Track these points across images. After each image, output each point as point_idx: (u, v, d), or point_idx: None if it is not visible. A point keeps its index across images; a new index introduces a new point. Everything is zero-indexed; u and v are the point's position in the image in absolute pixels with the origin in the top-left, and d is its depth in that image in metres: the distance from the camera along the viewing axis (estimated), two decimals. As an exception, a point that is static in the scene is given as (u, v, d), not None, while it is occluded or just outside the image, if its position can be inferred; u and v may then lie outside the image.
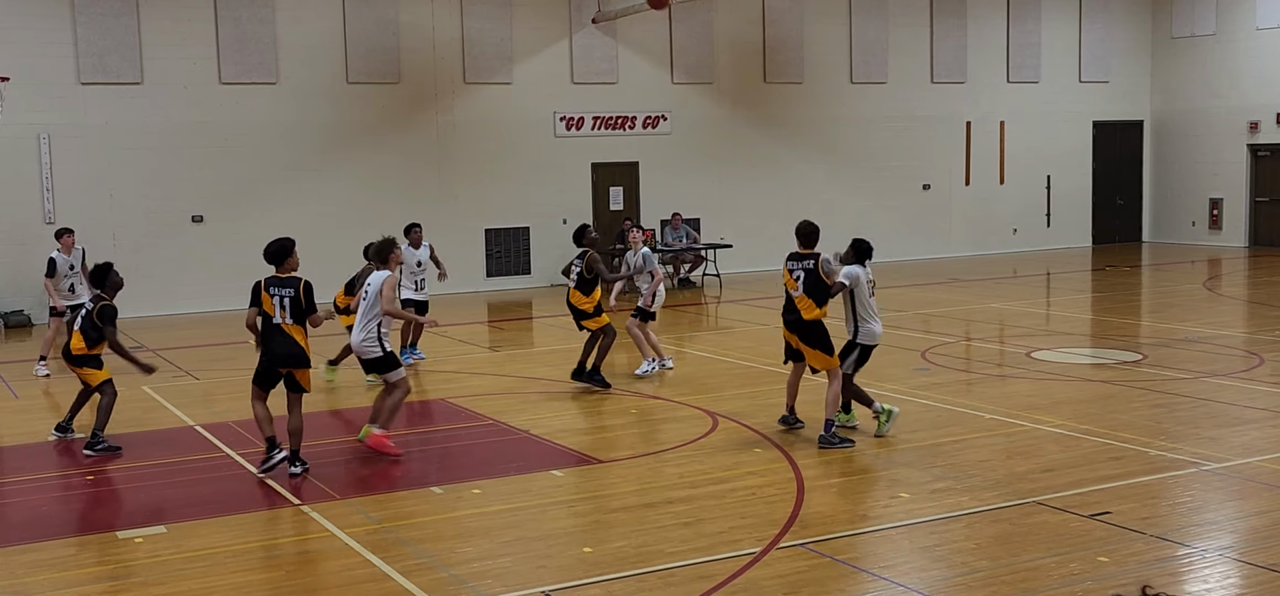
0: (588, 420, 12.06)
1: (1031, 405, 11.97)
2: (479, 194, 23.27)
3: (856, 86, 26.63)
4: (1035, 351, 15.12)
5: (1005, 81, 28.37)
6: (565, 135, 23.85)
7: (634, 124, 24.44)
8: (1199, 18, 28.87)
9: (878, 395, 11.55)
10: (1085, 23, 29.14)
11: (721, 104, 25.31)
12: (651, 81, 24.60)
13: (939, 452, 10.29)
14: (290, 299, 9.74)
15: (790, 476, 9.49)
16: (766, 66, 25.69)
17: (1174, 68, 29.56)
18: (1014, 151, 28.54)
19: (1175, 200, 29.89)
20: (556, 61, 23.74)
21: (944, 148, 27.76)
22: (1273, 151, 27.86)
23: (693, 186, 24.85)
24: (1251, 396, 12.20)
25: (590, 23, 23.81)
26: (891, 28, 26.85)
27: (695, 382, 13.69)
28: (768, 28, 25.56)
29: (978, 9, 27.84)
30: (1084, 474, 9.37)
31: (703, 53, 25.01)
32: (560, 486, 9.51)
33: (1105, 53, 29.44)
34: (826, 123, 26.39)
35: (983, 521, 8.29)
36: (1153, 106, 30.12)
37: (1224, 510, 8.65)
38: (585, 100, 23.99)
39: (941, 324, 17.89)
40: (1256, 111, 27.79)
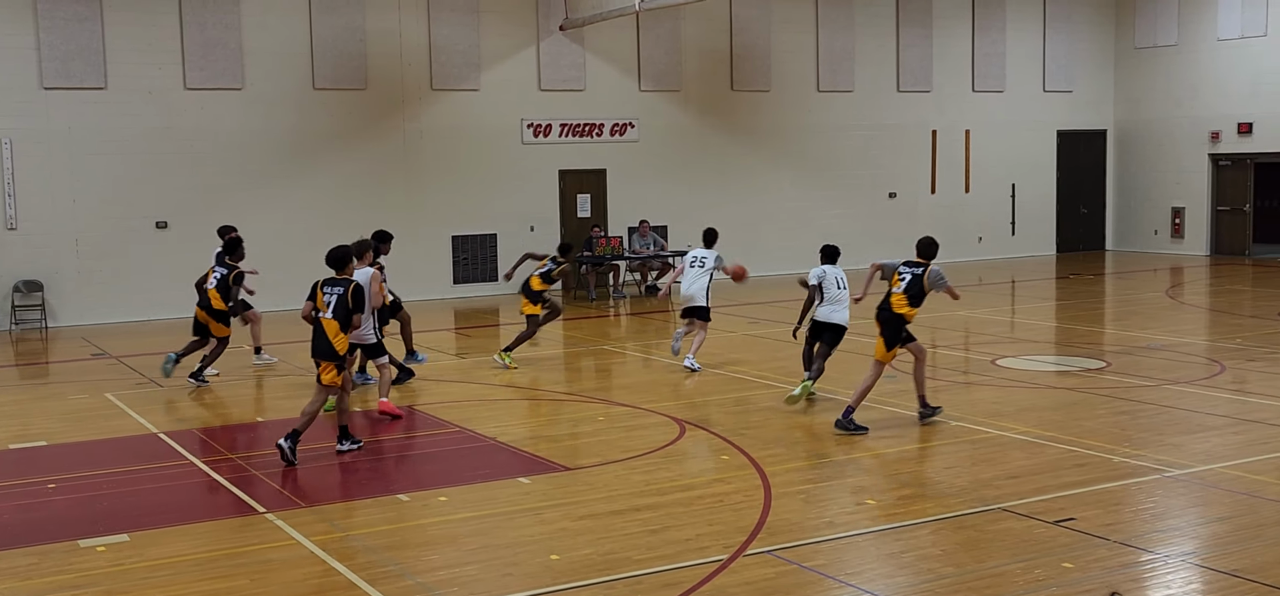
0: (555, 427, 12.04)
1: (996, 412, 12.04)
2: (446, 201, 23.20)
3: (823, 95, 26.74)
4: (1000, 359, 15.21)
5: (970, 91, 28.57)
6: (532, 142, 23.83)
7: (601, 131, 24.44)
8: (1161, 29, 29.16)
9: (845, 401, 11.59)
10: (1049, 33, 29.38)
11: (689, 112, 25.36)
12: (619, 89, 24.61)
13: (905, 460, 10.34)
14: (338, 298, 10.47)
15: (757, 483, 9.50)
16: (734, 75, 25.76)
17: (1137, 78, 29.85)
18: (979, 160, 28.73)
19: (1138, 209, 30.16)
20: (524, 68, 23.72)
21: (910, 156, 27.91)
22: (1233, 161, 28.16)
23: (660, 194, 24.88)
24: (1213, 403, 12.32)
25: (558, 30, 23.80)
26: (858, 37, 26.98)
27: (662, 389, 13.70)
28: (735, 36, 25.63)
29: (943, 19, 28.02)
30: (1048, 480, 9.43)
31: (670, 60, 25.04)
32: (527, 493, 9.48)
33: (1069, 63, 29.69)
34: (794, 131, 26.48)
35: (948, 528, 8.33)
36: (1116, 116, 30.40)
37: (1187, 516, 8.73)
38: (553, 107, 23.98)
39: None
40: (1217, 121, 28.10)
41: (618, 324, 20.24)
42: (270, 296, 21.56)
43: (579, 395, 13.82)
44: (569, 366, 16.57)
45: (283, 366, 15.73)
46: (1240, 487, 9.17)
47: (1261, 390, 13.20)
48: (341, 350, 10.52)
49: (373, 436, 11.46)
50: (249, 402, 13.62)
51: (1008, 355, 15.53)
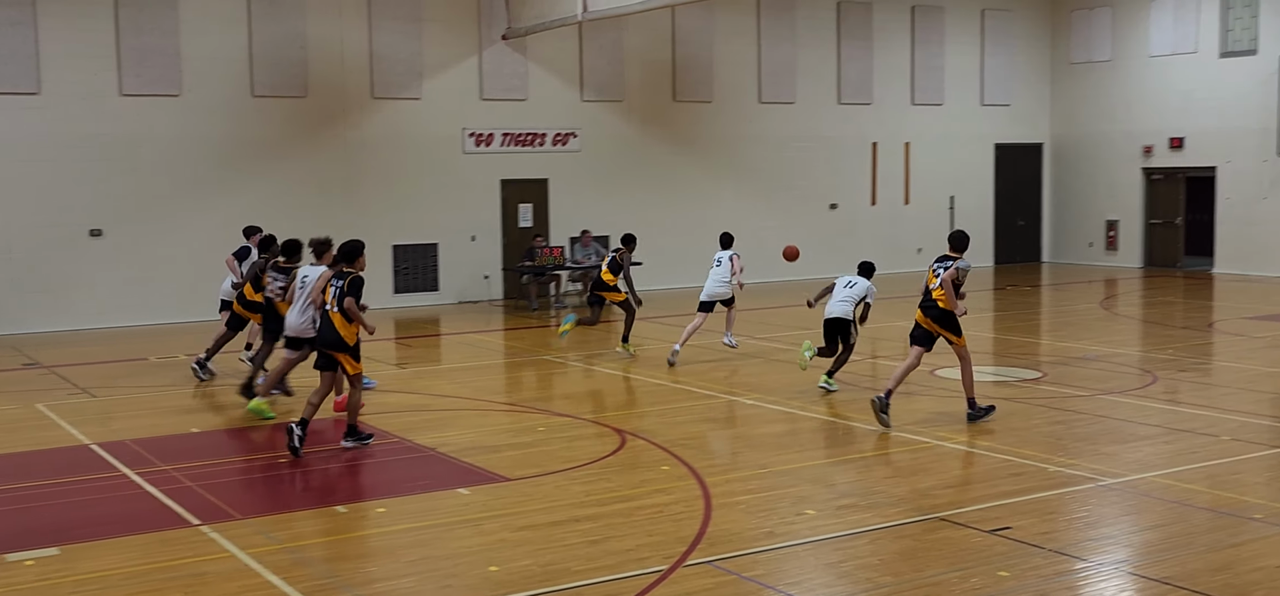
0: (496, 438, 11.98)
1: (935, 422, 12.15)
2: (387, 210, 23.04)
3: (765, 106, 26.88)
4: (939, 370, 15.34)
5: (910, 104, 28.85)
6: (474, 151, 23.74)
7: (543, 141, 24.41)
8: (1095, 44, 29.62)
9: (786, 412, 11.66)
10: (987, 48, 29.75)
11: (631, 122, 25.39)
12: (561, 98, 24.59)
13: (845, 469, 10.41)
14: (340, 289, 10.99)
15: (698, 494, 9.51)
16: (676, 85, 25.83)
17: (1072, 92, 30.29)
18: (918, 172, 29.01)
19: (1074, 221, 30.59)
20: (466, 77, 23.64)
21: (851, 168, 28.12)
22: (1166, 175, 28.64)
23: (602, 204, 24.88)
24: (1146, 413, 12.51)
25: (500, 39, 23.74)
26: (799, 49, 27.16)
27: (603, 399, 13.69)
28: (677, 47, 25.71)
29: (883, 33, 28.28)
30: (985, 490, 9.54)
31: (613, 71, 25.07)
32: (467, 505, 9.43)
33: (1006, 77, 30.08)
34: (735, 142, 26.60)
35: (887, 537, 8.38)
36: (1052, 130, 30.82)
37: (1120, 524, 8.86)
38: (495, 117, 23.90)
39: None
40: (1150, 136, 28.58)
41: (558, 334, 20.17)
42: (209, 305, 21.34)
43: (520, 405, 13.77)
44: (510, 376, 16.51)
45: (223, 377, 15.52)
46: (1171, 496, 9.32)
47: (1192, 400, 13.43)
48: (350, 340, 11.06)
49: (312, 447, 11.34)
50: (184, 413, 13.44)
51: (947, 366, 15.66)
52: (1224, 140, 27.08)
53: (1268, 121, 26.12)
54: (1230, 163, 27.09)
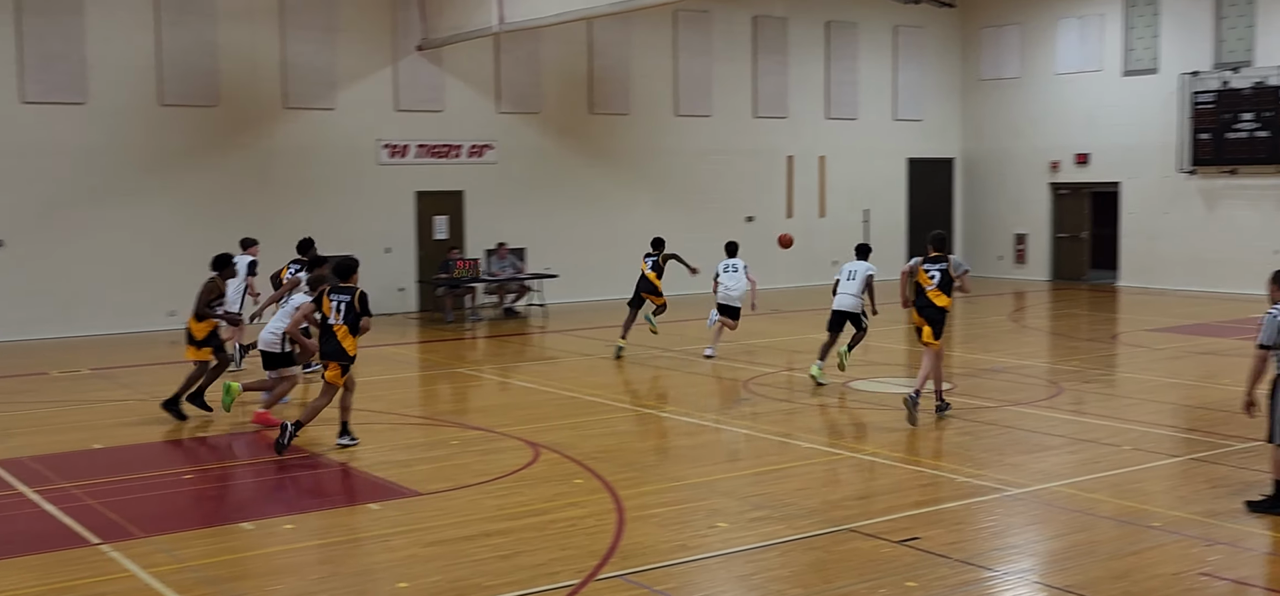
0: (407, 452, 11.87)
1: (848, 433, 12.27)
2: (300, 221, 22.63)
3: (681, 119, 26.99)
4: (852, 381, 15.49)
5: (825, 118, 29.14)
6: (389, 162, 23.53)
7: (459, 152, 24.26)
8: (1004, 62, 30.18)
9: (701, 425, 11.69)
10: (900, 63, 30.16)
11: (547, 134, 25.34)
12: (477, 110, 24.48)
13: (758, 482, 10.45)
14: (346, 304, 11.50)
15: (611, 507, 9.50)
16: (593, 98, 25.84)
17: (982, 108, 30.83)
18: (833, 185, 29.30)
19: (984, 235, 31.10)
20: (380, 88, 23.43)
21: (767, 181, 28.33)
22: (1072, 190, 29.24)
23: (518, 216, 24.78)
24: (1052, 424, 12.74)
25: (415, 50, 23.57)
26: (715, 63, 27.32)
27: (518, 413, 13.62)
28: (594, 59, 25.73)
29: (798, 48, 28.55)
30: (895, 500, 9.64)
31: (529, 82, 25.01)
32: (376, 520, 9.32)
33: (918, 92, 30.52)
34: (652, 154, 26.67)
35: (797, 549, 8.44)
36: (963, 145, 31.33)
37: (1025, 534, 9.00)
38: (410, 128, 23.72)
39: (764, 355, 18.19)
40: (1056, 151, 29.16)
41: (474, 346, 20.08)
42: (116, 318, 20.92)
43: (433, 419, 13.66)
44: (424, 389, 16.38)
45: (128, 392, 15.19)
46: (1075, 505, 9.49)
47: (1097, 411, 13.70)
48: (351, 352, 11.54)
49: (218, 463, 11.13)
50: (84, 429, 13.12)
51: (860, 377, 15.82)
52: (1127, 156, 27.72)
53: (1168, 138, 26.79)
54: (1133, 179, 27.73)
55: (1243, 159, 25.57)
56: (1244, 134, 25.44)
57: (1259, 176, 25.51)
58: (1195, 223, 26.69)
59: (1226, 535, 8.67)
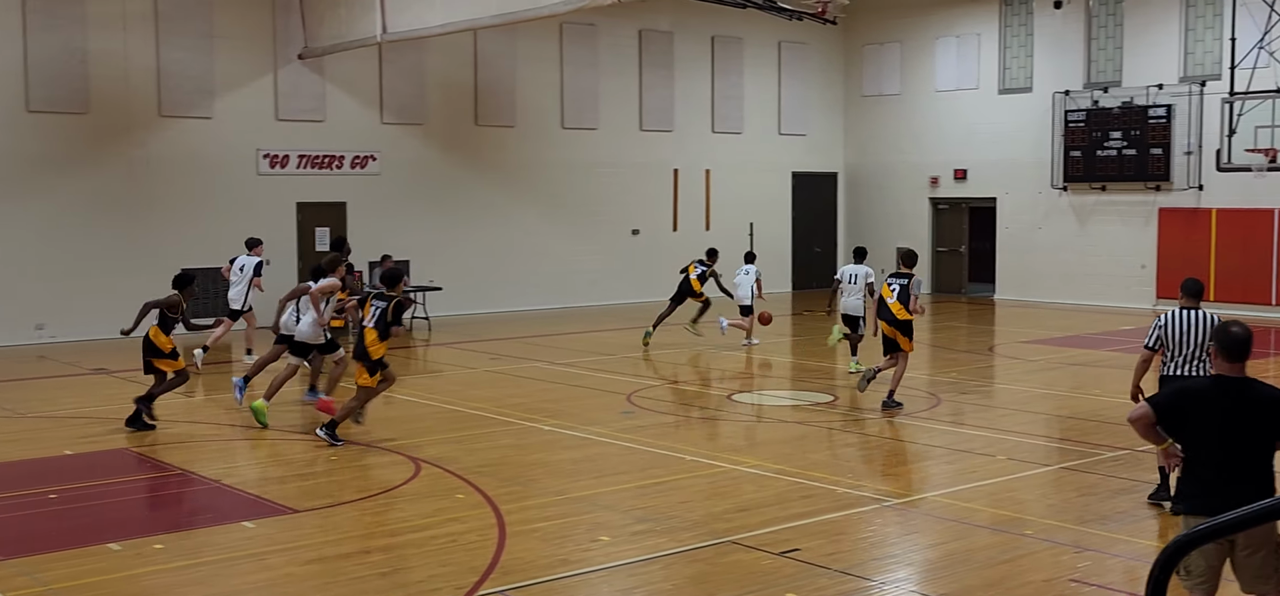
0: (285, 468, 11.62)
1: (731, 446, 12.33)
2: (176, 232, 22.16)
3: (568, 132, 26.95)
4: (736, 394, 15.60)
5: (711, 131, 29.35)
6: (269, 173, 23.07)
7: (342, 163, 23.89)
8: (886, 79, 30.73)
9: (585, 438, 11.64)
10: (784, 79, 30.51)
11: (432, 145, 25.10)
12: (360, 120, 24.14)
13: (641, 495, 10.44)
14: (380, 311, 12.08)
15: (493, 522, 9.40)
16: (478, 109, 25.67)
17: (864, 124, 31.34)
18: (719, 199, 29.51)
19: (866, 249, 31.48)
20: (260, 97, 22.97)
21: (652, 193, 28.42)
22: (951, 205, 29.87)
23: (402, 228, 24.48)
24: (930, 435, 12.96)
25: (296, 58, 23.16)
26: (602, 76, 27.35)
27: (399, 427, 13.43)
28: (479, 70, 25.56)
29: (684, 62, 28.72)
30: (776, 512, 9.69)
31: (413, 93, 24.75)
32: (251, 538, 9.09)
33: (803, 108, 30.90)
34: (538, 167, 26.57)
35: (680, 562, 8.44)
36: (846, 160, 31.80)
37: (903, 543, 9.13)
38: (290, 137, 23.29)
39: (648, 367, 18.23)
40: (936, 167, 29.77)
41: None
42: (-23, 332, 20.18)
43: (313, 434, 13.37)
44: (304, 404, 16.04)
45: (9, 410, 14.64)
46: (952, 515, 9.65)
47: (973, 422, 13.98)
48: (374, 356, 12.10)
49: (83, 481, 10.75)
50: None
51: (743, 390, 15.94)
52: (1003, 173, 28.40)
53: (1042, 155, 27.52)
54: (1009, 194, 28.42)
55: (1112, 176, 26.38)
56: (1113, 152, 26.25)
57: (1127, 193, 26.33)
58: (1067, 237, 27.45)
59: (1096, 542, 8.89)
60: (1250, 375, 6.12)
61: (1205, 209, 25.11)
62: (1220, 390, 6.07)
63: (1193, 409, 6.11)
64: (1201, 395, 6.15)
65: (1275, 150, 21.15)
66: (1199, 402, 6.11)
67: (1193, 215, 25.26)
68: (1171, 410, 6.14)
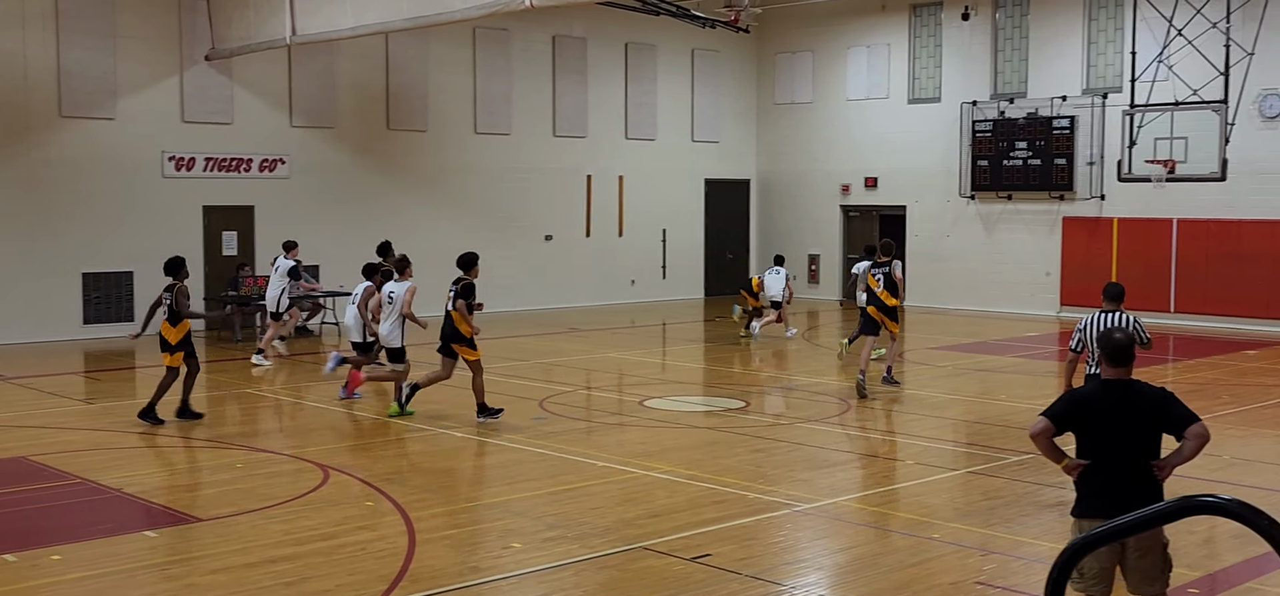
0: (189, 476, 11.40)
1: (643, 452, 12.33)
2: (76, 235, 21.64)
3: (480, 137, 26.80)
4: (648, 400, 15.61)
5: (624, 138, 29.38)
6: (174, 176, 22.62)
7: (250, 166, 23.51)
8: (798, 87, 31.01)
9: (497, 445, 11.56)
10: (697, 86, 30.65)
11: (343, 149, 24.80)
12: (269, 123, 23.77)
13: (553, 501, 10.40)
14: (454, 292, 13.39)
15: (402, 530, 9.30)
16: (390, 113, 25.42)
17: (776, 132, 31.59)
18: (632, 205, 29.54)
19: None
20: (165, 98, 22.52)
21: (565, 200, 28.37)
22: (861, 212, 30.22)
23: (312, 232, 24.09)
24: (840, 441, 13.08)
25: (203, 59, 22.75)
26: (515, 81, 27.24)
27: (308, 434, 13.24)
28: (391, 74, 25.32)
29: (598, 68, 28.72)
30: (688, 518, 9.71)
31: (324, 96, 24.43)
32: (153, 548, 8.89)
33: (716, 115, 31.06)
34: (451, 172, 26.39)
35: (591, 568, 8.41)
36: (758, 167, 32.03)
37: (814, 548, 9.20)
38: (197, 140, 22.85)
39: (561, 373, 18.18)
40: (847, 175, 30.09)
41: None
42: None
43: (217, 441, 13.14)
44: (209, 411, 15.72)
45: None
46: (862, 519, 9.75)
47: (883, 427, 14.15)
48: (467, 334, 13.32)
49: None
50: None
51: (656, 396, 15.96)
52: (913, 181, 28.81)
53: (951, 165, 27.96)
54: (918, 202, 28.83)
55: (1017, 185, 26.88)
56: (1019, 161, 26.76)
57: (1032, 202, 26.85)
58: (975, 245, 27.91)
59: (1002, 545, 9.04)
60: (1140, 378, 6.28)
61: (1107, 218, 25.70)
62: (1107, 393, 6.23)
63: (1084, 414, 6.26)
64: (1091, 400, 6.30)
65: (1173, 161, 21.71)
66: (1089, 407, 6.26)
67: (1095, 224, 25.83)
68: (1066, 418, 6.29)
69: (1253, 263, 23.75)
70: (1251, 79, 21.59)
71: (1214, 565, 8.55)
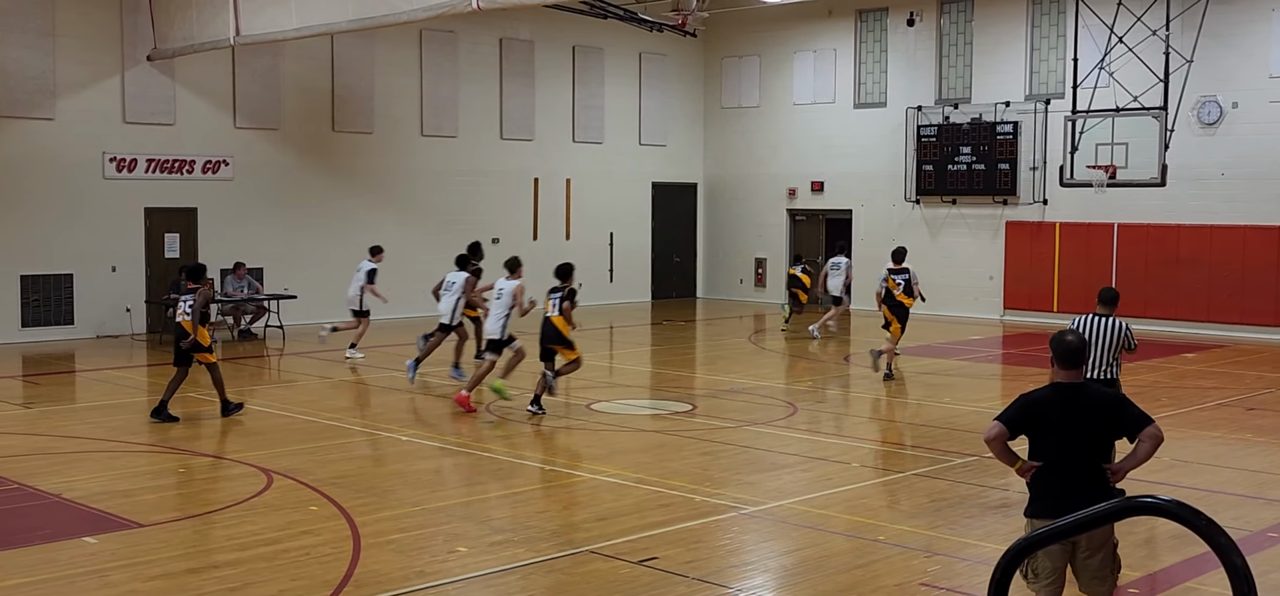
0: (130, 481, 11.23)
1: (590, 455, 12.32)
2: (14, 237, 21.28)
3: (427, 139, 26.67)
4: (595, 403, 15.60)
5: (571, 141, 29.35)
6: (116, 177, 22.31)
7: (193, 168, 23.23)
8: (745, 91, 31.14)
9: (443, 448, 11.49)
10: (645, 89, 30.69)
11: (287, 151, 24.58)
12: (212, 124, 23.50)
13: (501, 505, 10.36)
14: (559, 298, 14.26)
15: (347, 534, 9.23)
16: (335, 115, 25.23)
17: (724, 136, 31.70)
18: (579, 208, 29.52)
19: (726, 259, 31.93)
20: (107, 99, 22.21)
21: (513, 202, 28.29)
22: (808, 216, 30.39)
23: (256, 235, 23.90)
24: (786, 443, 13.14)
25: (145, 59, 22.46)
26: (462, 84, 27.13)
27: (252, 438, 13.11)
28: (336, 76, 25.13)
29: (545, 71, 28.67)
30: (635, 521, 9.71)
31: (268, 97, 24.20)
32: (93, 555, 8.76)
33: (663, 118, 31.11)
34: (397, 174, 26.23)
35: (537, 572, 8.39)
36: (706, 171, 32.12)
37: (759, 550, 9.23)
38: (139, 141, 22.55)
39: (509, 377, 18.07)
40: (793, 179, 30.25)
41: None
42: None
43: (159, 446, 12.97)
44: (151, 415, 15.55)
45: None
46: (807, 522, 9.79)
47: (828, 430, 14.23)
48: (567, 334, 14.24)
49: None
50: None
51: (603, 399, 15.95)
52: (859, 185, 29.01)
53: (896, 169, 28.19)
54: (864, 206, 29.03)
55: (962, 190, 27.15)
56: (963, 166, 27.03)
57: (976, 206, 27.13)
58: (920, 249, 28.04)
59: (946, 546, 9.11)
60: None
61: (1049, 222, 26.02)
62: (1059, 396, 6.30)
63: (1037, 417, 6.32)
64: (1043, 403, 6.36)
65: (1114, 167, 22.01)
66: (1041, 410, 6.33)
67: (1038, 228, 26.13)
68: (1019, 421, 6.35)
69: (1191, 266, 24.15)
70: (1190, 86, 21.97)
71: (1154, 565, 8.68)
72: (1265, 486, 11.38)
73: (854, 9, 28.98)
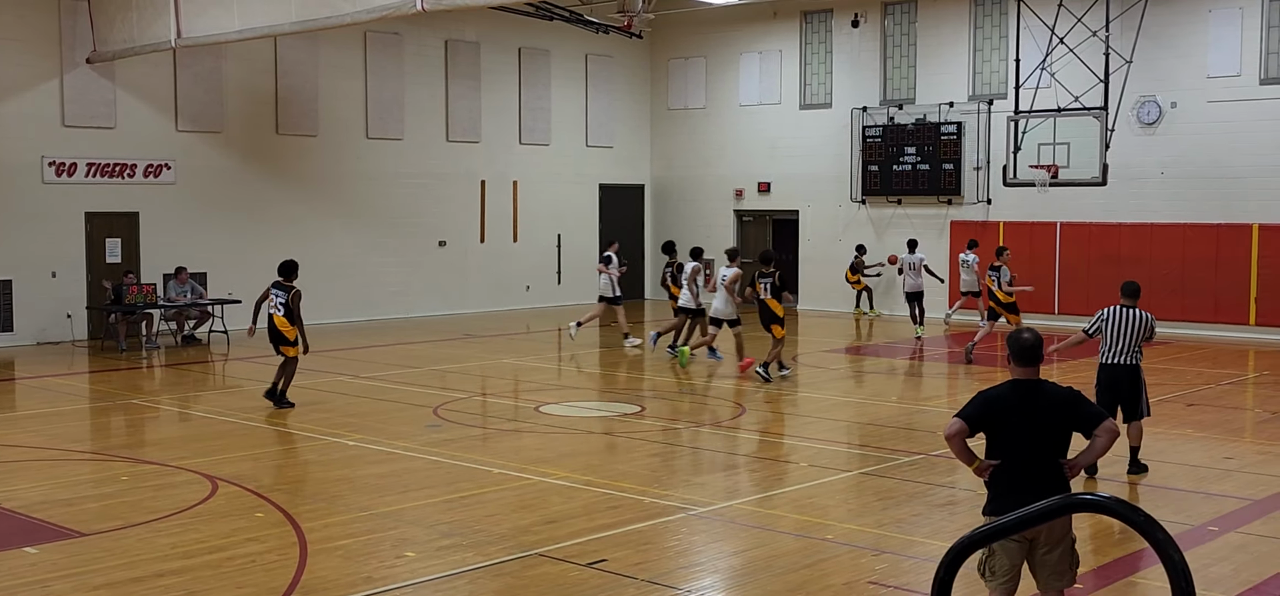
0: (71, 490, 11.07)
1: (539, 458, 12.29)
2: (-50, 243, 20.92)
3: (373, 142, 26.50)
4: (544, 406, 15.57)
5: (518, 143, 29.28)
6: (55, 181, 21.97)
7: (134, 172, 22.92)
8: (691, 92, 31.21)
9: (390, 453, 11.43)
10: (591, 91, 30.67)
11: (231, 154, 24.32)
12: (154, 128, 23.21)
13: (449, 509, 10.32)
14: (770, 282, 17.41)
15: (293, 540, 9.15)
16: (279, 118, 25.00)
17: (671, 137, 31.75)
18: (526, 210, 29.46)
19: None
20: (45, 102, 21.86)
21: (459, 205, 28.17)
22: (755, 217, 30.51)
23: (199, 239, 23.63)
24: (735, 444, 13.19)
25: (85, 62, 22.14)
26: (407, 86, 26.98)
27: (196, 445, 12.96)
28: (280, 78, 24.90)
29: (491, 73, 28.58)
30: (584, 524, 9.71)
31: (211, 100, 23.93)
32: (33, 565, 8.62)
33: (610, 120, 31.11)
34: (342, 177, 26.04)
35: (486, 576, 8.37)
36: (653, 172, 32.15)
37: (709, 551, 9.25)
38: (78, 145, 22.23)
39: (456, 379, 18.05)
40: (740, 179, 30.36)
41: (151, 376, 19.03)
42: None
43: (102, 453, 12.81)
44: (93, 422, 15.35)
45: None
46: (756, 522, 9.84)
47: (776, 430, 14.29)
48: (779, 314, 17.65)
49: None
50: None
51: (552, 402, 15.93)
52: (805, 185, 29.17)
53: (842, 169, 28.37)
54: (811, 207, 29.19)
55: (907, 190, 27.37)
56: (908, 166, 27.25)
57: (921, 206, 27.36)
58: (867, 249, 28.32)
59: (894, 544, 9.19)
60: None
61: (994, 222, 26.28)
62: (1017, 393, 6.38)
63: (995, 414, 6.39)
64: (1001, 400, 6.43)
65: (1056, 166, 22.27)
66: (999, 407, 6.39)
67: (982, 228, 26.39)
68: (978, 418, 6.40)
69: (1131, 265, 24.43)
70: (1130, 86, 22.28)
71: (1097, 560, 8.80)
72: (1205, 481, 11.58)
73: (799, 10, 29.14)
